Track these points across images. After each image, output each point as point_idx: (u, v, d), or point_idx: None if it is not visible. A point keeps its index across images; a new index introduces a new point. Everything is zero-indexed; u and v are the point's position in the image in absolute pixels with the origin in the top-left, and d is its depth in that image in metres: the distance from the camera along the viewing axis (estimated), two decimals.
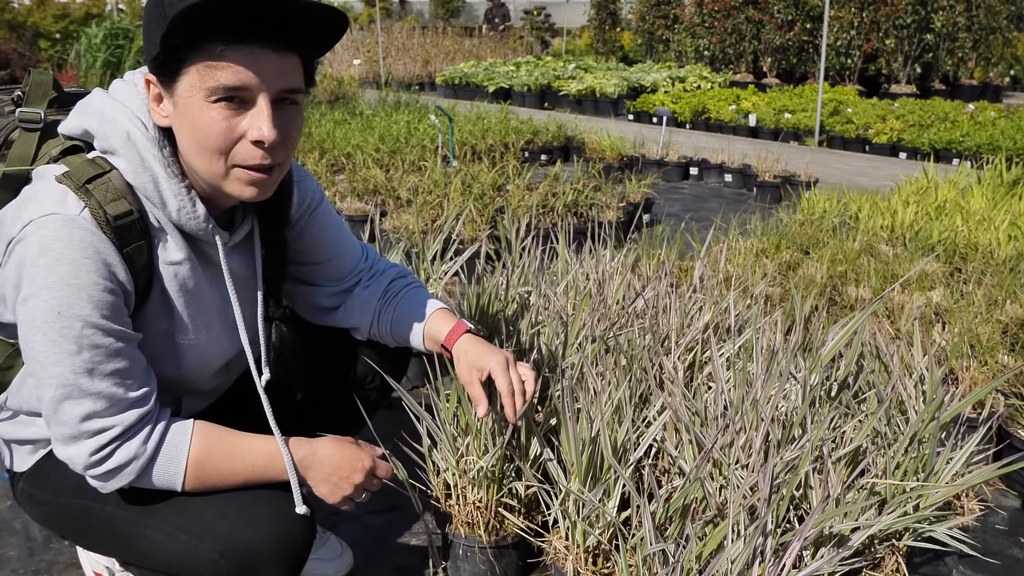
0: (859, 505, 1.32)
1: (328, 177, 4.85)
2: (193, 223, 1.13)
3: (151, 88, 1.08)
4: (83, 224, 1.03)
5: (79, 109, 1.14)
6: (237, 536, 1.11)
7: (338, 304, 1.46)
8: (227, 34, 1.01)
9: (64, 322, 1.02)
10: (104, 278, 1.04)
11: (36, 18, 11.06)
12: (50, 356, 1.03)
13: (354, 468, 1.21)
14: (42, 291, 1.02)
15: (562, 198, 3.96)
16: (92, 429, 1.06)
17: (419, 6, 26.07)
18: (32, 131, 1.17)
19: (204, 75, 1.02)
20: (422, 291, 1.46)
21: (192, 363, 1.24)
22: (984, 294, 2.55)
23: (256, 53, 1.02)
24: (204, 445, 1.14)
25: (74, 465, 1.09)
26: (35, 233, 1.02)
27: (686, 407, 1.51)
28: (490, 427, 1.50)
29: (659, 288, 2.00)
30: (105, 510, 1.18)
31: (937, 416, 1.47)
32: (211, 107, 1.03)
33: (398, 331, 1.42)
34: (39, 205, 1.04)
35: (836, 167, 6.51)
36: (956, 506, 1.71)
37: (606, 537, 1.44)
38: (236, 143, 1.06)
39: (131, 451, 1.09)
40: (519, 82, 11.29)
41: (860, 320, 1.69)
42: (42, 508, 1.26)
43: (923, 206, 3.79)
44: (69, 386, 1.04)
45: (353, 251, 1.47)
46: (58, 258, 1.01)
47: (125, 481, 1.10)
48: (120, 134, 1.08)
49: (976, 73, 11.57)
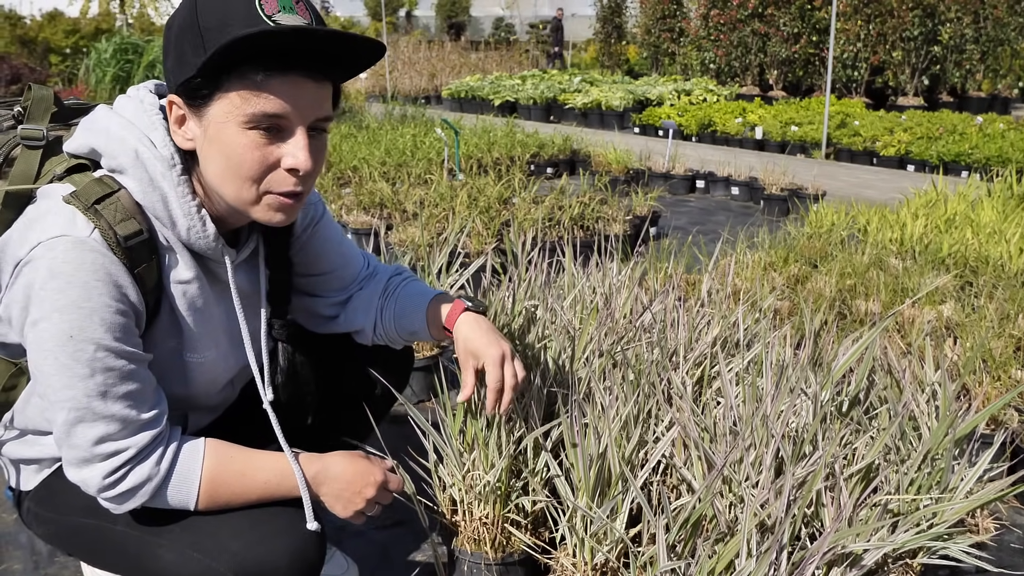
0: (872, 524, 1.30)
1: (334, 190, 4.85)
2: (203, 242, 1.13)
3: (174, 109, 1.07)
4: (93, 246, 1.02)
5: (85, 126, 1.12)
6: (252, 555, 1.10)
7: (340, 312, 1.45)
8: (269, 63, 1.00)
9: (76, 345, 1.01)
10: (116, 300, 1.03)
11: (47, 33, 11.17)
12: (62, 379, 1.02)
13: (366, 482, 1.20)
14: (53, 314, 1.00)
15: (568, 211, 3.96)
16: (105, 452, 1.05)
17: (425, 20, 26.25)
18: (35, 148, 1.15)
19: (244, 102, 1.01)
20: (420, 283, 1.46)
21: (200, 381, 1.23)
22: (996, 308, 2.53)
23: (296, 83, 1.03)
24: (216, 464, 1.13)
25: (87, 488, 1.08)
26: (44, 255, 1.01)
27: (695, 423, 1.50)
28: (496, 441, 1.48)
29: (667, 302, 1.98)
30: (115, 529, 1.17)
31: (951, 432, 1.45)
32: (246, 134, 1.03)
33: (402, 323, 1.41)
34: (47, 226, 1.03)
35: (843, 180, 6.50)
36: (970, 524, 1.68)
37: (614, 555, 1.42)
38: (271, 171, 1.06)
39: (144, 473, 1.08)
40: (525, 96, 11.33)
41: (872, 336, 1.67)
42: (49, 527, 1.25)
43: (932, 219, 3.77)
44: (82, 409, 1.03)
45: (355, 261, 1.47)
46: (69, 281, 1.00)
47: (139, 502, 1.09)
48: (128, 153, 1.07)
49: (984, 85, 11.56)
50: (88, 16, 13.39)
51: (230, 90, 1.01)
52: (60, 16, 12.61)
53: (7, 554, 1.75)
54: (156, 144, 1.08)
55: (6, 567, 1.70)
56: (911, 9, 10.66)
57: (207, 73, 1.00)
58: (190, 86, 1.03)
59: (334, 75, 1.09)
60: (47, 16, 12.44)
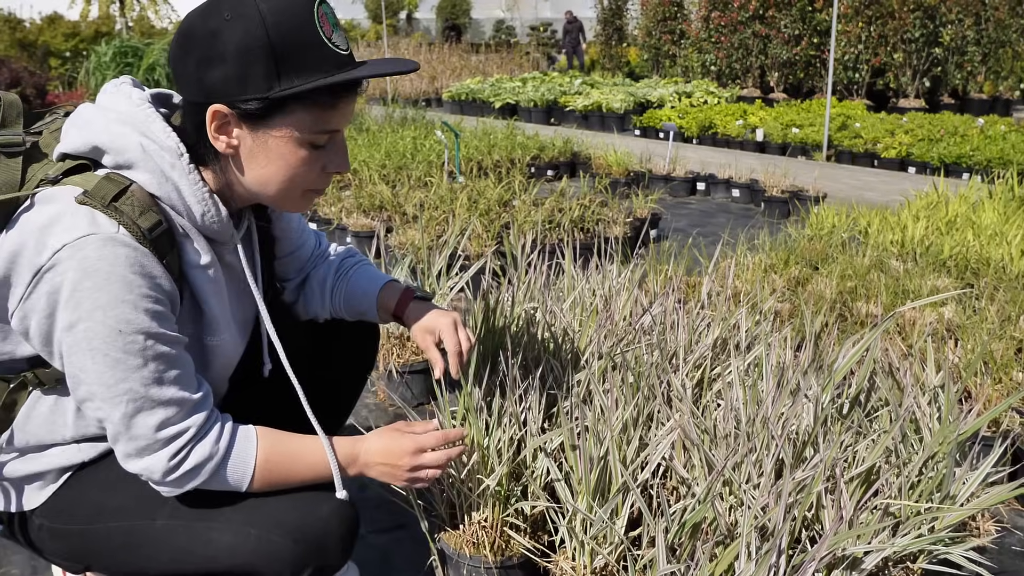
0: (873, 527, 1.29)
1: (334, 193, 4.85)
2: (217, 225, 1.16)
3: (218, 117, 1.09)
4: (124, 240, 1.03)
5: (78, 125, 1.11)
6: (307, 522, 1.16)
7: (298, 297, 1.52)
8: (338, 91, 1.12)
9: (126, 338, 1.03)
10: (153, 289, 1.06)
11: (47, 37, 11.19)
12: (115, 375, 1.04)
13: (400, 458, 1.25)
14: (95, 312, 1.01)
15: (568, 214, 3.95)
16: (167, 436, 1.09)
17: (426, 23, 26.28)
18: (14, 155, 1.12)
19: (313, 118, 1.11)
20: (371, 267, 1.54)
21: (217, 364, 1.25)
22: (997, 310, 2.52)
23: (350, 102, 1.15)
24: (268, 445, 1.17)
25: (151, 474, 1.10)
26: (72, 257, 1.01)
27: (695, 425, 1.49)
28: (497, 446, 1.48)
29: (666, 304, 1.98)
30: (155, 524, 1.18)
31: (953, 435, 1.44)
32: (303, 147, 1.13)
33: (351, 305, 1.48)
34: (68, 228, 1.02)
35: (844, 182, 6.49)
36: (971, 527, 1.67)
37: (614, 557, 1.41)
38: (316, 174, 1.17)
39: (206, 450, 1.12)
40: (525, 98, 11.33)
41: (872, 338, 1.67)
42: (69, 540, 1.22)
43: (933, 221, 3.76)
44: (140, 399, 1.06)
45: (310, 239, 1.54)
46: (107, 277, 1.01)
47: (199, 482, 1.12)
48: (135, 147, 1.08)
49: (986, 87, 11.55)
50: (88, 19, 13.42)
51: (295, 111, 1.10)
52: (60, 19, 12.62)
53: (5, 559, 1.74)
54: (158, 136, 1.10)
55: (4, 572, 1.69)
56: (912, 11, 10.65)
57: (279, 96, 1.07)
58: (255, 103, 1.08)
59: None
60: (47, 19, 12.45)
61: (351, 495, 1.23)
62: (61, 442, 1.20)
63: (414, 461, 1.25)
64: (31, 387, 1.16)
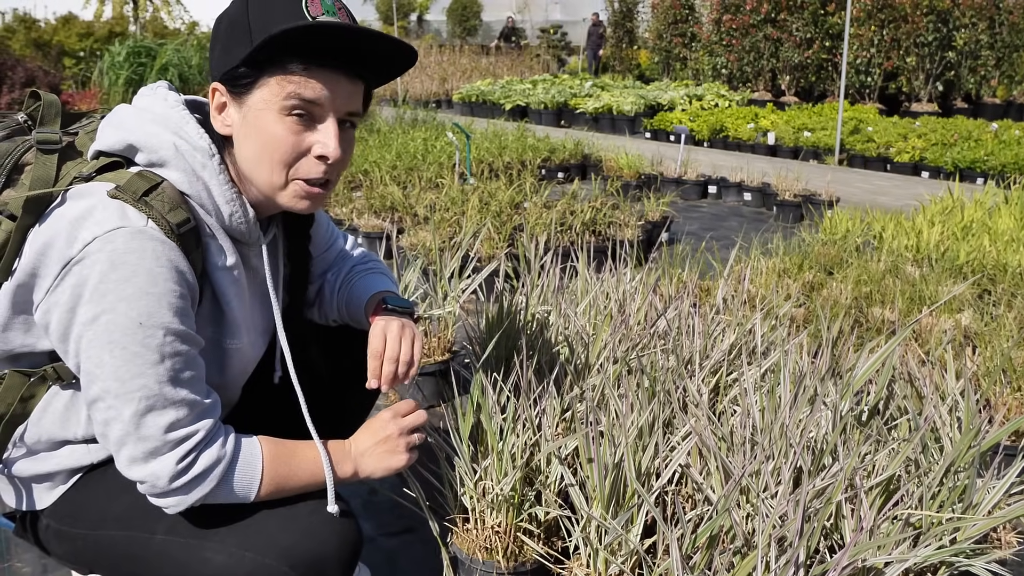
0: (894, 537, 1.27)
1: (345, 194, 4.85)
2: (244, 227, 1.17)
3: (216, 96, 1.13)
4: (152, 234, 1.04)
5: (113, 124, 1.13)
6: (303, 546, 1.12)
7: (316, 301, 1.51)
8: (309, 57, 1.08)
9: (147, 332, 1.02)
10: (178, 284, 1.05)
11: (61, 36, 11.25)
12: (131, 369, 1.03)
13: (385, 423, 1.25)
14: (118, 304, 1.01)
15: (580, 216, 3.94)
16: (176, 438, 1.06)
17: (436, 25, 26.33)
18: (51, 152, 1.15)
19: (282, 88, 1.08)
20: (375, 276, 1.49)
21: (234, 368, 1.24)
22: (1015, 317, 2.49)
23: (332, 76, 1.10)
24: (272, 452, 1.15)
25: (156, 480, 1.07)
26: (102, 249, 1.01)
27: (712, 432, 1.47)
28: (511, 450, 1.46)
29: (681, 308, 1.96)
30: (154, 539, 1.15)
31: (975, 444, 1.42)
32: (283, 120, 1.09)
33: (350, 312, 1.46)
34: (99, 221, 1.03)
35: (857, 186, 6.45)
36: (992, 539, 1.64)
37: (628, 566, 1.39)
38: (301, 157, 1.13)
39: (213, 455, 1.09)
40: (536, 100, 11.33)
41: (893, 346, 1.64)
42: (74, 544, 1.22)
43: (949, 226, 3.73)
44: (153, 397, 1.04)
45: (339, 241, 1.53)
46: (134, 270, 1.02)
47: (206, 490, 1.09)
48: (168, 146, 1.10)
49: (999, 91, 11.47)
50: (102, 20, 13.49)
51: (268, 83, 1.08)
52: (74, 19, 12.70)
53: (16, 556, 1.74)
54: (191, 136, 1.12)
55: (16, 568, 1.69)
56: (925, 14, 10.59)
57: (250, 63, 1.07)
58: (234, 75, 1.09)
59: (367, 78, 1.17)
60: (61, 19, 12.53)
61: (357, 504, 1.20)
62: (72, 440, 1.19)
63: (399, 424, 1.25)
64: (50, 382, 1.16)
